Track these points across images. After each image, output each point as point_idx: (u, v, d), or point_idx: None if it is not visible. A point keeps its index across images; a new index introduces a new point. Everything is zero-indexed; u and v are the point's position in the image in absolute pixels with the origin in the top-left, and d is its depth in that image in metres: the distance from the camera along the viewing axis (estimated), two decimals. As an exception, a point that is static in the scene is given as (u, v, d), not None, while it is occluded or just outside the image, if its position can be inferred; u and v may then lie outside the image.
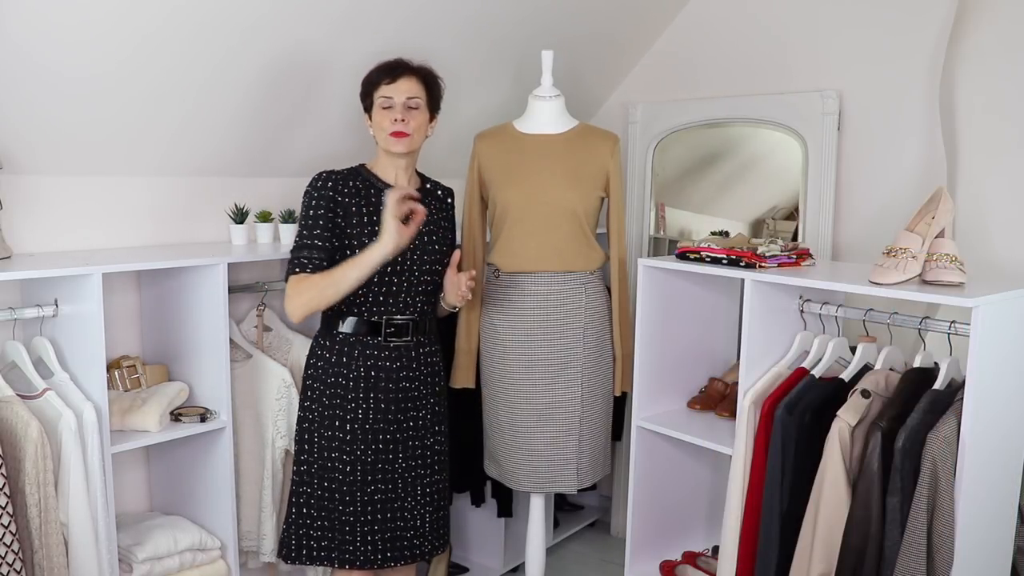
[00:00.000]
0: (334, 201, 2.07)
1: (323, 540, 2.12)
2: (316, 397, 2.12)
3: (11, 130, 2.03)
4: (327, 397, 2.11)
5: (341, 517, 2.11)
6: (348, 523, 2.11)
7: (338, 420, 2.10)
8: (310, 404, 2.13)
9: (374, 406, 2.12)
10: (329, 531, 2.11)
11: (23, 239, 2.16)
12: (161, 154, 2.35)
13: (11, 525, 1.78)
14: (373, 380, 2.11)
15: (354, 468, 2.10)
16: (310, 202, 2.07)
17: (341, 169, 2.14)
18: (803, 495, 1.99)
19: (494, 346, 2.49)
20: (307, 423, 2.13)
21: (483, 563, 3.10)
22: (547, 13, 2.80)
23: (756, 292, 2.14)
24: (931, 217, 2.00)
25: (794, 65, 2.90)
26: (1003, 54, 2.44)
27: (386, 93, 2.08)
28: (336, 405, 2.10)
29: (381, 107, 2.08)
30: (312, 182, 2.10)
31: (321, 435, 2.11)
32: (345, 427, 2.10)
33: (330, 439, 2.10)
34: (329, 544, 2.12)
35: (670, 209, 3.31)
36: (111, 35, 1.98)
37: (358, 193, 2.10)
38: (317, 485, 2.11)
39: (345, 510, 2.11)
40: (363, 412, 2.11)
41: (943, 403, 1.88)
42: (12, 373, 1.99)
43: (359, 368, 2.10)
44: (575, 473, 2.46)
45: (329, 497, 2.10)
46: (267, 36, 2.25)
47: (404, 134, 2.07)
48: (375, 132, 2.13)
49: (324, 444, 2.10)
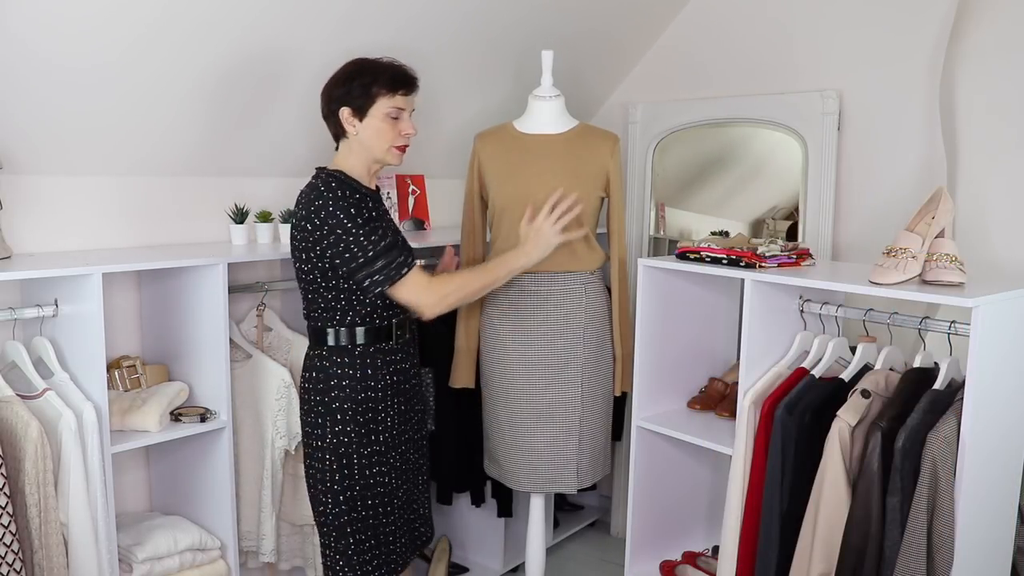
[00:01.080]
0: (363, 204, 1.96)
1: (375, 560, 2.05)
2: (349, 418, 2.00)
3: (11, 130, 2.03)
4: (360, 414, 2.01)
5: (385, 529, 2.07)
6: (391, 532, 2.08)
7: (374, 435, 2.04)
8: (343, 427, 2.00)
9: (399, 410, 2.09)
10: (377, 547, 2.06)
11: (23, 239, 2.16)
12: (161, 154, 2.35)
13: (11, 525, 1.78)
14: (396, 384, 2.08)
15: (390, 477, 2.07)
16: (349, 212, 1.90)
17: (329, 178, 1.96)
18: (803, 495, 1.99)
19: (494, 346, 2.49)
20: (343, 447, 2.00)
21: (483, 563, 3.10)
22: (547, 13, 2.80)
23: (756, 292, 2.14)
24: (931, 217, 2.00)
25: (794, 65, 2.90)
26: (1003, 54, 2.44)
27: (400, 105, 1.99)
28: (370, 419, 2.03)
29: (388, 116, 1.98)
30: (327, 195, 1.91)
31: (360, 454, 2.02)
32: (380, 439, 2.05)
33: (369, 455, 2.03)
34: (380, 561, 2.06)
35: (670, 209, 3.31)
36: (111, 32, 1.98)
37: (362, 201, 1.99)
38: (362, 506, 2.03)
39: (387, 520, 2.07)
40: (391, 419, 2.07)
41: (943, 403, 1.88)
42: (12, 373, 1.99)
43: (385, 377, 2.05)
44: (575, 473, 2.46)
45: (375, 513, 2.05)
46: (266, 34, 2.25)
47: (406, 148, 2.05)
48: (369, 138, 1.99)
49: (364, 463, 2.02)
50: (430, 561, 2.95)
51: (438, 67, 2.67)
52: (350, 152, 2.03)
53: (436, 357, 2.70)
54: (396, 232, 2.07)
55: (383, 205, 2.12)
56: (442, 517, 3.10)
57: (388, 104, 1.97)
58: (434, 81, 2.56)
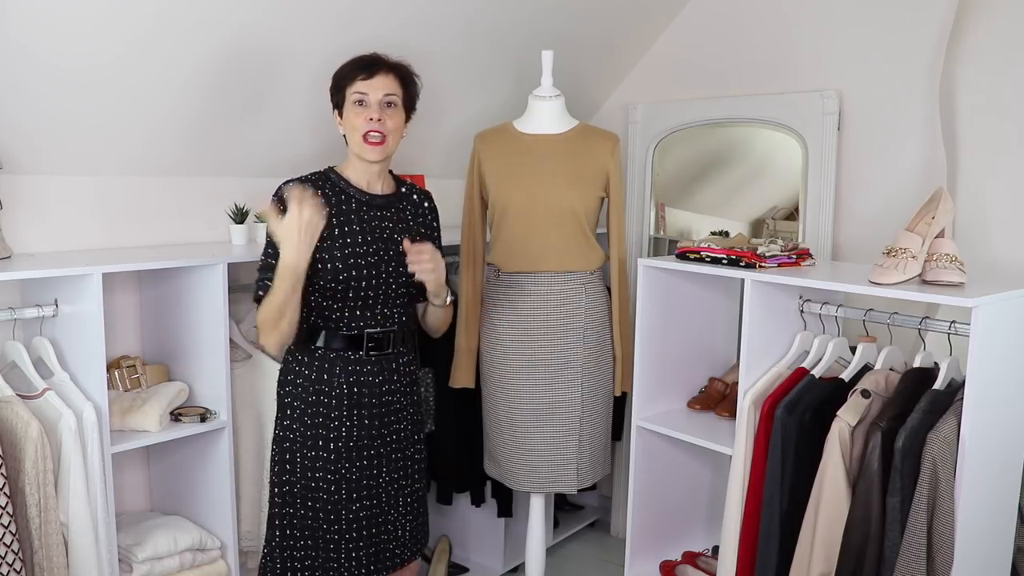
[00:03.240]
0: None
1: (307, 560, 2.00)
2: (297, 416, 1.97)
3: (11, 130, 2.03)
4: (308, 416, 1.96)
5: (326, 536, 1.99)
6: (333, 541, 2.00)
7: (321, 440, 1.96)
8: (290, 424, 1.98)
9: (358, 423, 1.99)
10: (313, 550, 1.99)
11: (23, 239, 2.16)
12: (161, 154, 2.35)
13: (11, 525, 1.78)
14: (356, 396, 1.98)
15: (339, 487, 1.98)
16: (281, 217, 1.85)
17: (308, 175, 1.98)
18: (803, 495, 1.99)
19: (494, 346, 2.49)
20: (287, 443, 1.99)
21: (483, 563, 3.10)
22: (547, 13, 2.80)
23: (756, 292, 2.14)
24: (931, 217, 2.00)
25: (794, 65, 2.90)
26: (1003, 54, 2.44)
27: (361, 89, 1.91)
28: (319, 424, 1.96)
29: (354, 103, 1.92)
30: (278, 192, 1.92)
31: (304, 455, 1.97)
32: (329, 446, 1.97)
33: (313, 459, 1.96)
34: (313, 563, 2.00)
35: (670, 209, 3.31)
36: (111, 32, 1.98)
37: (328, 203, 1.93)
38: (300, 505, 1.98)
39: (330, 528, 1.99)
40: (347, 430, 1.98)
41: (943, 403, 1.88)
42: (12, 373, 1.99)
43: (341, 384, 1.96)
44: (575, 473, 2.46)
45: (313, 517, 1.98)
46: (266, 34, 2.25)
47: (379, 142, 1.92)
48: (347, 132, 1.96)
49: (307, 464, 1.97)
50: (430, 561, 2.95)
51: (438, 67, 2.67)
52: (350, 154, 2.01)
53: (436, 357, 2.70)
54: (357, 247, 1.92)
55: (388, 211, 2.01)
56: (442, 517, 3.10)
57: (352, 92, 1.93)
58: (435, 81, 2.55)
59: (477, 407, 2.62)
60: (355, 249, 1.93)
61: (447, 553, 2.97)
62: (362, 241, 1.95)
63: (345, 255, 1.92)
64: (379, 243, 1.97)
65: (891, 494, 1.82)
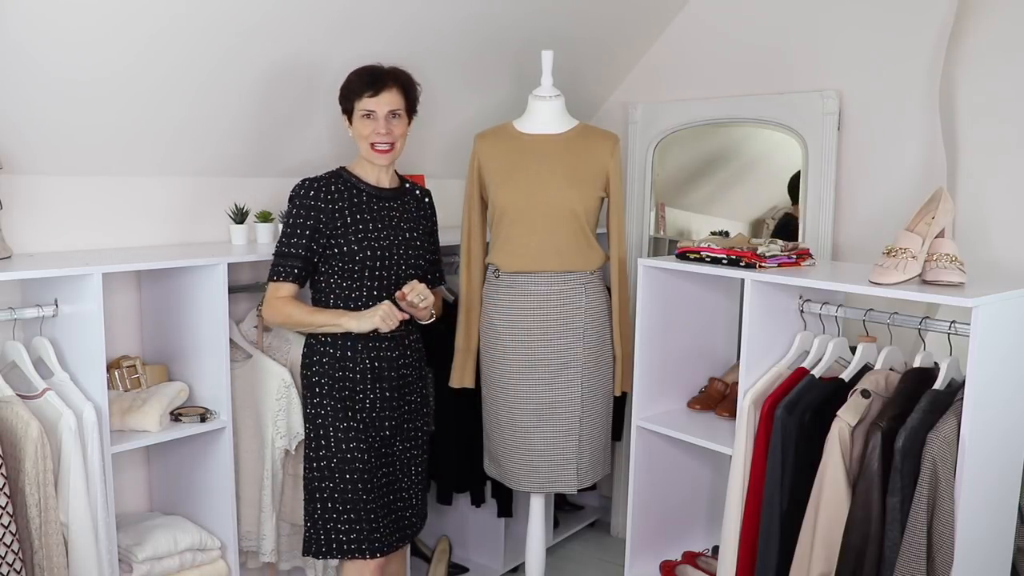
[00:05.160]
0: (316, 209, 2.12)
1: (351, 532, 2.15)
2: (326, 392, 2.16)
3: (11, 130, 2.03)
4: (336, 390, 2.16)
5: (366, 506, 2.15)
6: (369, 508, 2.16)
7: (350, 411, 2.16)
8: (320, 400, 2.17)
9: (380, 395, 2.19)
10: (356, 523, 2.15)
11: (23, 239, 2.16)
12: (161, 154, 2.35)
13: (11, 525, 1.78)
14: (377, 370, 2.18)
15: (369, 455, 2.17)
16: (292, 210, 2.15)
17: (322, 175, 2.19)
18: (803, 495, 1.99)
19: (494, 346, 2.49)
20: (319, 419, 2.17)
21: (483, 563, 3.10)
22: (547, 13, 2.80)
23: (756, 292, 2.14)
24: (931, 217, 2.00)
25: (794, 65, 2.90)
26: (1003, 55, 2.44)
27: (368, 107, 2.12)
28: (346, 396, 2.16)
29: (362, 117, 2.14)
30: (295, 189, 2.16)
31: (336, 427, 2.15)
32: (357, 416, 2.17)
33: (346, 430, 2.15)
34: (358, 536, 2.15)
35: (670, 209, 3.31)
36: (112, 38, 1.98)
37: (341, 197, 2.15)
38: (339, 478, 2.14)
39: (367, 498, 2.16)
40: (370, 401, 2.18)
41: (943, 403, 1.88)
42: (12, 373, 1.99)
43: (363, 360, 2.17)
44: (575, 473, 2.46)
45: (352, 488, 2.14)
46: (266, 38, 2.25)
47: (387, 150, 2.15)
48: (356, 139, 2.18)
49: (340, 436, 2.15)
50: (430, 561, 2.95)
51: (438, 67, 2.67)
52: (359, 154, 2.21)
53: (436, 357, 2.70)
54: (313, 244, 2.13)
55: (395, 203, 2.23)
56: (442, 517, 3.10)
57: (360, 107, 2.14)
58: (434, 81, 2.56)
59: (477, 407, 2.62)
60: (368, 234, 2.15)
61: (447, 553, 2.97)
62: (373, 228, 2.17)
63: (359, 239, 2.14)
64: (389, 229, 2.19)
65: (891, 494, 1.82)
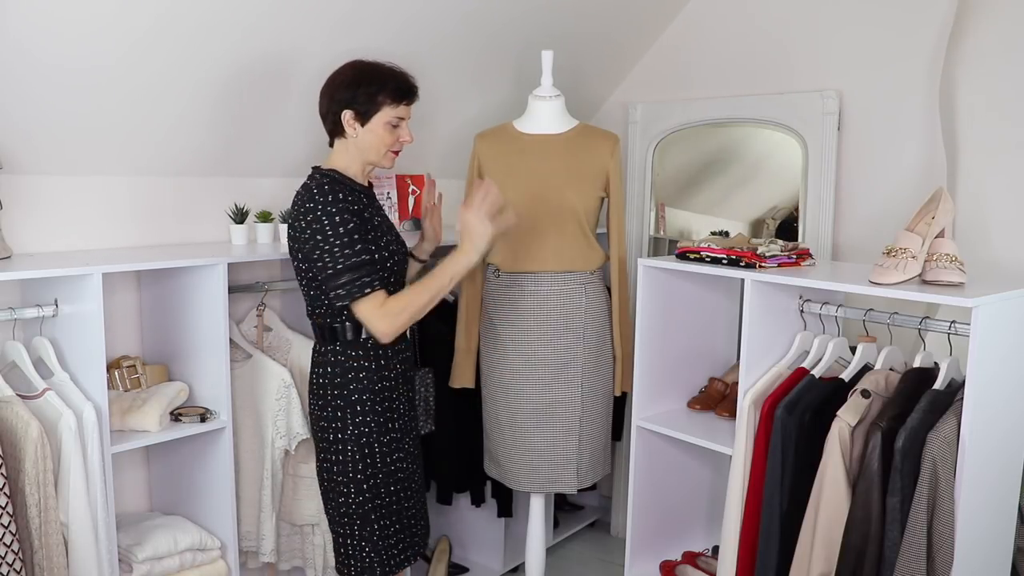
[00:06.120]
0: (356, 214, 1.97)
1: (400, 544, 2.13)
2: (368, 408, 2.05)
3: (11, 130, 2.03)
4: (379, 404, 2.07)
5: (408, 512, 2.15)
6: (412, 515, 2.17)
7: (390, 422, 2.10)
8: (364, 418, 2.04)
9: (407, 396, 2.18)
10: (402, 531, 2.14)
11: (23, 239, 2.16)
12: (161, 154, 2.35)
13: (11, 525, 1.78)
14: (405, 373, 2.16)
15: (407, 462, 2.16)
16: (334, 219, 1.92)
17: (322, 179, 1.99)
18: (803, 495, 1.99)
19: (494, 346, 2.49)
20: (364, 438, 2.05)
21: (483, 563, 3.10)
22: (547, 13, 2.80)
23: (756, 292, 2.14)
24: (931, 217, 2.00)
25: (794, 65, 2.90)
26: (1003, 54, 2.44)
27: (400, 115, 2.02)
28: (387, 408, 2.09)
29: (389, 124, 2.01)
30: (319, 198, 1.93)
31: (382, 443, 2.08)
32: (396, 425, 2.12)
33: (389, 442, 2.10)
34: (404, 544, 2.14)
35: (670, 209, 3.31)
36: (110, 34, 1.98)
37: (354, 203, 2.00)
38: (386, 493, 2.09)
39: (408, 504, 2.16)
40: (403, 407, 2.15)
41: (943, 403, 1.88)
42: (12, 373, 1.99)
43: (395, 366, 2.12)
44: (575, 473, 2.47)
45: (397, 499, 2.12)
46: (266, 35, 2.25)
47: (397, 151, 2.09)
48: (369, 142, 2.02)
49: (386, 450, 2.09)
50: (430, 561, 2.95)
51: (438, 66, 2.67)
52: (345, 151, 2.05)
53: (436, 357, 2.70)
54: (388, 235, 2.09)
55: (377, 201, 2.15)
56: (442, 517, 3.10)
57: (391, 113, 2.01)
58: (434, 81, 2.56)
59: (477, 407, 2.63)
60: (387, 238, 2.09)
61: (447, 553, 2.98)
62: (385, 230, 2.10)
63: (386, 243, 2.06)
64: (393, 232, 2.14)
65: (891, 494, 1.82)
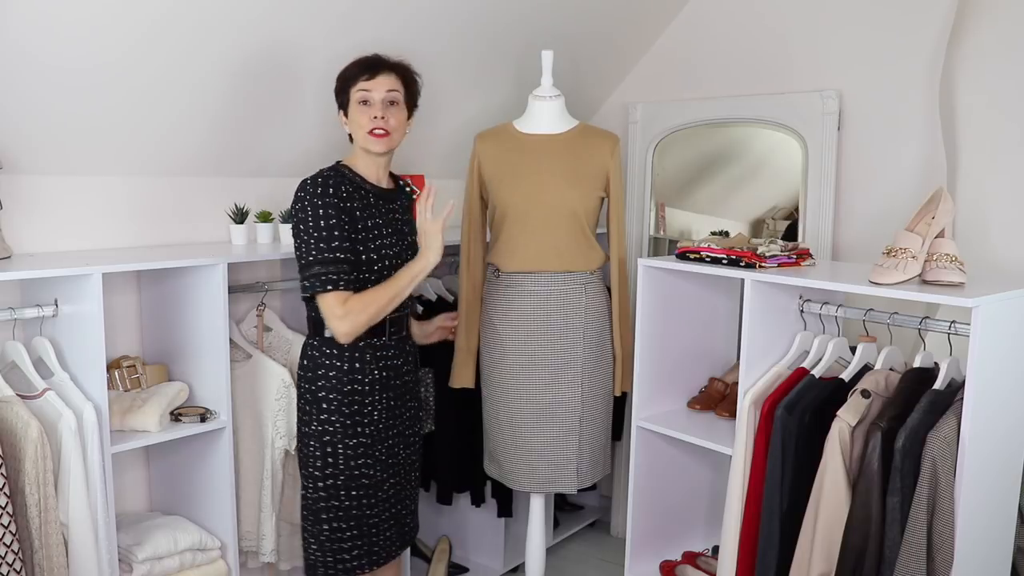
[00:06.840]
0: (343, 210, 1.99)
1: (354, 549, 2.11)
2: (335, 408, 2.06)
3: (11, 130, 2.03)
4: (346, 405, 2.07)
5: (369, 520, 2.12)
6: (373, 524, 2.14)
7: (359, 426, 2.09)
8: (328, 416, 2.07)
9: (386, 404, 2.14)
10: (359, 538, 2.11)
11: (23, 239, 2.16)
12: (161, 154, 2.35)
13: (11, 525, 1.78)
14: (384, 379, 2.13)
15: (376, 469, 2.12)
16: (318, 212, 1.96)
17: (325, 172, 2.05)
18: (803, 495, 1.99)
19: (494, 346, 2.49)
20: (327, 436, 2.07)
21: (483, 563, 3.10)
22: (547, 13, 2.80)
23: (756, 292, 2.14)
24: (931, 217, 2.00)
25: (794, 65, 2.90)
26: (1003, 54, 2.44)
27: (365, 88, 2.03)
28: (356, 412, 2.08)
29: (359, 102, 2.04)
30: (310, 189, 1.99)
31: (346, 445, 2.07)
32: (366, 431, 2.10)
33: (355, 447, 2.08)
34: (360, 551, 2.12)
35: (670, 209, 3.31)
36: (110, 34, 1.98)
37: (351, 197, 2.04)
38: (345, 496, 2.09)
39: (371, 512, 2.13)
40: (378, 413, 2.13)
41: (943, 403, 1.88)
42: (12, 373, 1.99)
43: (372, 371, 2.10)
44: (575, 473, 2.46)
45: (357, 504, 2.10)
46: (266, 35, 2.25)
47: (384, 133, 2.04)
48: (352, 130, 2.08)
49: (350, 453, 2.08)
50: (430, 561, 2.95)
51: (438, 67, 2.67)
52: (355, 149, 2.13)
53: (436, 357, 2.70)
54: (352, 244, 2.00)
55: (393, 204, 2.16)
56: (442, 517, 3.10)
57: (357, 92, 2.05)
58: (435, 81, 2.55)
59: (477, 407, 2.62)
60: (383, 240, 2.08)
61: (447, 553, 2.97)
62: (386, 232, 2.10)
63: (377, 246, 2.06)
64: (396, 235, 2.14)
65: (891, 494, 1.82)
